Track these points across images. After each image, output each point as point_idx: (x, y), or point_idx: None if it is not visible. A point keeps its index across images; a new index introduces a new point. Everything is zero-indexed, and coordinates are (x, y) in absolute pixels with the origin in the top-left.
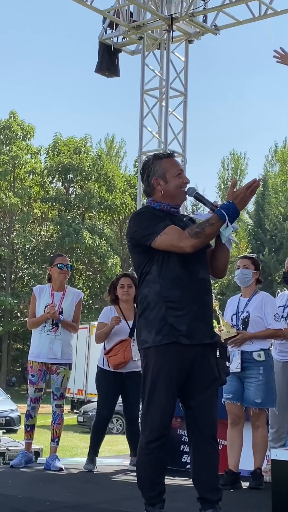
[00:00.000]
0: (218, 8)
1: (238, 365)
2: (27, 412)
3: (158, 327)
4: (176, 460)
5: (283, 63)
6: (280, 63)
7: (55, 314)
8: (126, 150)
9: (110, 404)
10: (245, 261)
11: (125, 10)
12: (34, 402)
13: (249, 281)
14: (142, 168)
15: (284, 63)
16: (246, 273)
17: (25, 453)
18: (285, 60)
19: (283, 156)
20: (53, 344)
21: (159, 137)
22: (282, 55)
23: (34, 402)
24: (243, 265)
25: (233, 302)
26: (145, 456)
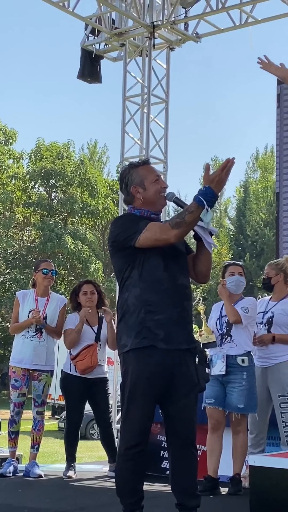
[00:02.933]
0: (199, 16)
1: (222, 367)
2: (11, 417)
3: (137, 330)
4: (155, 466)
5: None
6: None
7: (40, 319)
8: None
9: (79, 409)
10: (239, 268)
11: (107, 17)
12: (18, 406)
13: (243, 288)
14: (119, 178)
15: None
16: (242, 280)
17: (12, 461)
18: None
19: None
20: (38, 350)
21: (140, 143)
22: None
23: (18, 407)
24: (238, 272)
25: (218, 307)
26: (124, 462)
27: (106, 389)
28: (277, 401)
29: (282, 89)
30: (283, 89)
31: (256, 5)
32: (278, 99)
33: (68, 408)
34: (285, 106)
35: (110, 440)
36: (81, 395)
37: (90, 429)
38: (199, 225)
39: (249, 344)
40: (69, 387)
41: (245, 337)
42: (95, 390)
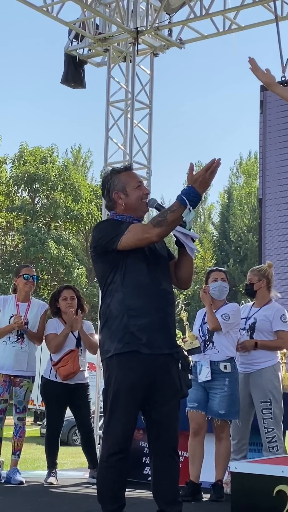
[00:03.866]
0: (183, 23)
1: (208, 374)
2: None
3: (120, 335)
4: (137, 472)
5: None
6: (252, 70)
7: (22, 324)
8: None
9: (60, 415)
10: (222, 274)
11: (91, 23)
12: (1, 413)
13: (226, 294)
14: (101, 183)
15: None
16: (226, 285)
17: None
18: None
19: (247, 168)
20: (19, 356)
21: (124, 148)
22: (254, 65)
23: (0, 413)
24: (221, 278)
25: (201, 314)
26: (106, 469)
27: (87, 394)
28: (259, 407)
29: (265, 96)
30: (266, 95)
31: (240, 11)
32: (261, 105)
33: (49, 414)
34: (268, 112)
35: (91, 446)
36: (62, 401)
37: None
38: (181, 231)
39: (232, 350)
40: (49, 393)
41: (227, 343)
42: (76, 396)
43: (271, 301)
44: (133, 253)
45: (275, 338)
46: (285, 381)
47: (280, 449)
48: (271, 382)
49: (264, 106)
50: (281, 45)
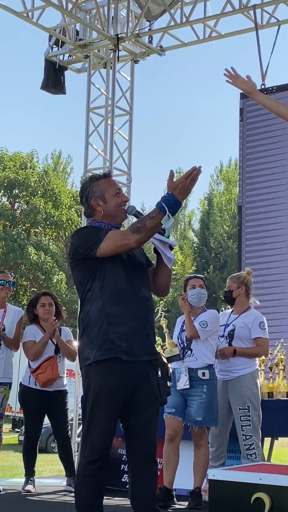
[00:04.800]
0: (163, 30)
1: (186, 382)
2: None
3: (99, 343)
4: (116, 479)
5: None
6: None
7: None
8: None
9: (38, 423)
10: (200, 280)
11: (71, 29)
12: None
13: (205, 300)
14: (80, 190)
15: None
16: (204, 292)
17: None
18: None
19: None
20: None
21: (104, 155)
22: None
23: None
24: (199, 285)
25: (180, 321)
26: (84, 477)
27: (65, 402)
28: (238, 414)
29: (245, 103)
30: (246, 103)
31: (220, 19)
32: (241, 113)
33: (27, 422)
34: (248, 120)
35: (68, 454)
36: (40, 408)
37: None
38: (159, 239)
39: (210, 357)
40: (28, 401)
41: (205, 350)
42: (54, 404)
43: (250, 308)
44: (112, 260)
45: (253, 345)
46: (263, 388)
47: (258, 456)
48: (250, 389)
49: (243, 114)
50: (260, 53)
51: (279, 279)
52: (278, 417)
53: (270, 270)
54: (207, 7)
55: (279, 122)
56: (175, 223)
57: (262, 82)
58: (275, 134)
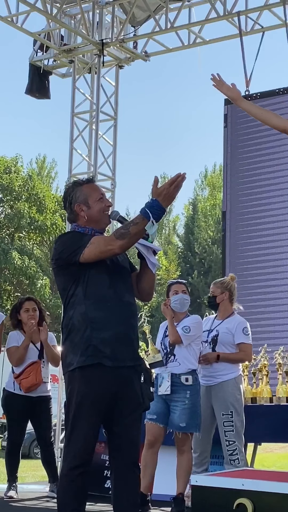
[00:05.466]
0: (148, 35)
1: (167, 387)
2: None
3: (83, 348)
4: (99, 485)
5: (218, 88)
6: (215, 87)
7: None
8: (57, 170)
9: (22, 428)
10: (182, 286)
11: (56, 34)
12: None
13: (188, 306)
14: (63, 196)
15: (219, 89)
16: (186, 298)
17: None
18: (220, 86)
19: (212, 180)
20: None
21: (89, 160)
22: (218, 81)
23: None
24: (181, 290)
25: (163, 327)
26: (67, 483)
27: (49, 408)
28: (221, 419)
29: (229, 109)
30: (230, 109)
31: (205, 26)
32: (225, 119)
33: (10, 427)
34: (232, 126)
35: (51, 459)
36: (24, 414)
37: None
38: (143, 244)
39: (193, 363)
40: (11, 406)
41: (188, 355)
42: (38, 409)
43: (234, 314)
44: (96, 265)
45: (237, 350)
46: (247, 393)
47: (242, 462)
48: (233, 395)
49: (228, 120)
50: (245, 60)
51: (262, 285)
52: (261, 423)
53: (254, 275)
54: (192, 13)
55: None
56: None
57: (246, 88)
58: (259, 140)
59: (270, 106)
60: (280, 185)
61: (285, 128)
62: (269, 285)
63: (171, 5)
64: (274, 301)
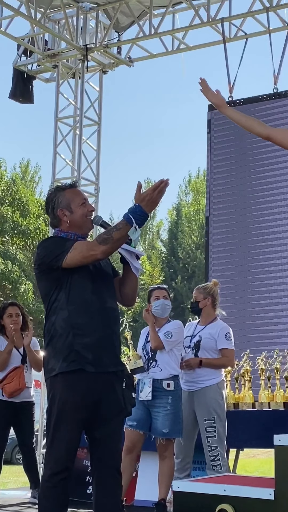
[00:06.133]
0: (132, 41)
1: (149, 393)
2: None
3: (65, 354)
4: (80, 491)
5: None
6: (202, 92)
7: None
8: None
9: (4, 434)
10: (163, 291)
11: (40, 38)
12: None
13: (169, 311)
14: (46, 201)
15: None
16: (168, 303)
17: None
18: (206, 91)
19: (196, 186)
20: None
21: (72, 165)
22: (205, 86)
23: None
24: (162, 296)
25: (144, 333)
26: (48, 489)
27: (32, 413)
28: (203, 425)
29: (213, 115)
30: (213, 115)
31: (188, 32)
32: (208, 125)
33: None
34: (215, 132)
35: (33, 465)
36: (7, 419)
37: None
38: (126, 249)
39: (175, 368)
40: None
41: (170, 361)
42: (21, 415)
43: (216, 319)
44: (78, 270)
45: (219, 356)
46: (229, 399)
47: (224, 467)
48: (215, 400)
49: (211, 126)
50: (228, 66)
51: (245, 291)
52: (244, 428)
53: (237, 281)
54: (176, 19)
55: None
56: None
57: (230, 94)
58: (242, 146)
59: (253, 112)
60: (263, 191)
61: (269, 136)
62: (252, 291)
63: (155, 11)
64: (257, 307)
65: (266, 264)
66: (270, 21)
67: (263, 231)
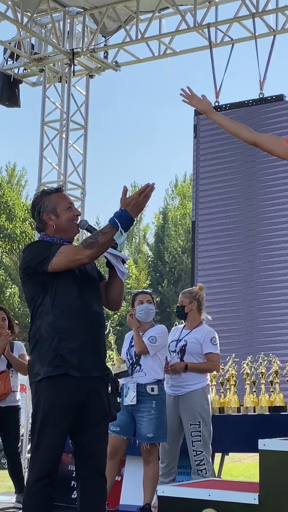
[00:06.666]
0: (118, 46)
1: (133, 397)
2: None
3: (50, 358)
4: (65, 496)
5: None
6: (185, 102)
7: None
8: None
9: None
10: (147, 296)
11: (27, 42)
12: None
13: (153, 316)
14: (32, 205)
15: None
16: (152, 308)
17: None
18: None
19: (183, 190)
20: None
21: (58, 169)
22: (188, 95)
23: None
24: (146, 300)
25: (129, 337)
26: (33, 494)
27: (18, 418)
28: (189, 429)
29: (199, 120)
30: (199, 120)
31: (175, 37)
32: (195, 130)
33: None
34: (202, 136)
35: (18, 470)
36: None
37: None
38: (112, 253)
39: (159, 372)
40: None
41: (154, 365)
42: (6, 419)
43: (202, 324)
44: (64, 275)
45: (205, 360)
46: (214, 403)
47: (209, 472)
48: (201, 405)
49: (197, 130)
50: (214, 71)
51: (231, 295)
52: (229, 433)
53: (222, 285)
54: (162, 25)
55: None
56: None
57: (216, 99)
58: (228, 151)
59: (239, 116)
60: (249, 196)
61: (256, 142)
62: (238, 295)
63: (142, 16)
64: (242, 311)
65: (252, 268)
66: (256, 27)
67: (249, 236)
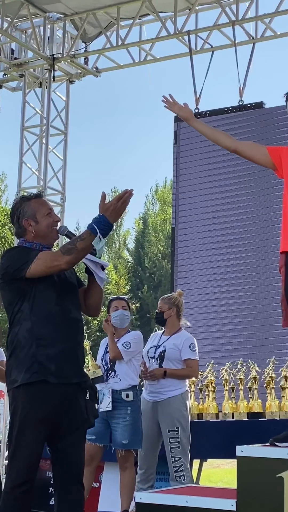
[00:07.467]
0: (99, 52)
1: (109, 403)
2: None
3: (27, 365)
4: (43, 502)
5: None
6: (167, 108)
7: None
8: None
9: None
10: (122, 302)
11: (7, 47)
12: None
13: (128, 322)
14: (11, 210)
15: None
16: (127, 314)
17: None
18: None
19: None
20: None
21: (38, 174)
22: (169, 102)
23: None
24: (121, 306)
25: (104, 343)
26: (10, 501)
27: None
28: (167, 436)
29: (179, 126)
30: (179, 126)
31: (155, 43)
32: (175, 136)
33: None
34: (182, 143)
35: None
36: None
37: None
38: (91, 259)
39: (134, 378)
40: None
41: (129, 371)
42: None
43: (181, 330)
44: (42, 281)
45: (184, 366)
46: (193, 409)
47: (187, 478)
48: (179, 411)
49: (177, 137)
50: (194, 78)
51: (210, 301)
52: (208, 439)
53: (202, 291)
54: (143, 31)
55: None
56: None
57: (196, 106)
58: (207, 157)
59: (219, 123)
60: (229, 203)
61: (236, 149)
62: (217, 301)
63: (122, 22)
64: (222, 317)
65: (232, 276)
66: (235, 35)
67: (228, 243)
